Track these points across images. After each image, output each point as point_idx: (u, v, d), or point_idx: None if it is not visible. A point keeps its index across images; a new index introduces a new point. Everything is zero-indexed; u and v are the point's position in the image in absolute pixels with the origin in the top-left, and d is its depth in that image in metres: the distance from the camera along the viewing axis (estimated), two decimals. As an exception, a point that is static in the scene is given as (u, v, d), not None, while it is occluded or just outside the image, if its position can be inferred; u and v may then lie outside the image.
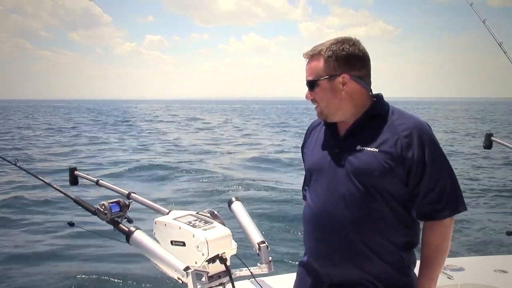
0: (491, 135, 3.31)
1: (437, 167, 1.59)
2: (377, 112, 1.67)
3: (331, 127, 1.76)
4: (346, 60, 1.66)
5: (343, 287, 1.67)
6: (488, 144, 3.30)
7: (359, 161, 1.61)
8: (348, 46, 1.66)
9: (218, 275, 1.68)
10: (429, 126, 1.66)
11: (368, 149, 1.61)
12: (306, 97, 1.73)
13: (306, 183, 1.85)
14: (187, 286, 1.52)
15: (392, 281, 1.63)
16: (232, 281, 1.67)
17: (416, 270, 1.70)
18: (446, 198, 1.60)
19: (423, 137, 1.59)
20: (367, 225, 1.60)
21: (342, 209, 1.62)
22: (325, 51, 1.66)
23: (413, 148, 1.57)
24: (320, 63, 1.67)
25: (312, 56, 1.70)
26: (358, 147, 1.63)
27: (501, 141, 3.26)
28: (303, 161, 1.91)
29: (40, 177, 2.33)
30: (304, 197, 1.88)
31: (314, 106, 1.73)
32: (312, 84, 1.69)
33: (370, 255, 1.61)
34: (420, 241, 1.69)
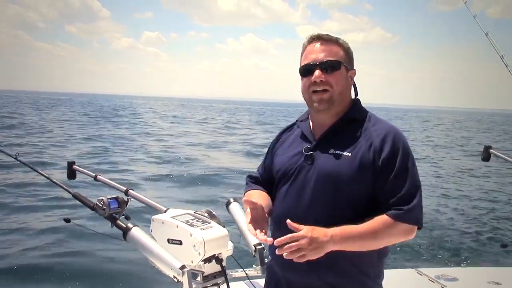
0: (489, 147, 3.32)
1: (406, 174, 1.53)
2: (354, 116, 1.65)
3: (306, 130, 1.71)
4: (352, 58, 1.69)
5: None
6: (486, 156, 3.32)
7: (330, 166, 1.57)
8: None
9: (214, 275, 1.68)
10: (403, 135, 1.62)
11: (341, 153, 1.57)
12: (317, 78, 1.60)
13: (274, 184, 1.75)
14: (182, 285, 1.53)
15: None
16: (227, 282, 1.67)
17: (384, 283, 1.62)
18: (409, 206, 1.50)
19: (397, 143, 1.56)
20: None
21: (307, 213, 1.57)
22: (343, 42, 1.66)
23: (385, 152, 1.53)
24: (340, 50, 1.64)
25: (329, 40, 1.65)
26: (331, 151, 1.59)
27: (499, 154, 3.27)
28: (267, 160, 1.85)
29: (40, 171, 2.35)
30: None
31: (320, 89, 1.61)
32: (332, 65, 1.61)
33: (331, 263, 1.53)
34: (388, 253, 1.62)
